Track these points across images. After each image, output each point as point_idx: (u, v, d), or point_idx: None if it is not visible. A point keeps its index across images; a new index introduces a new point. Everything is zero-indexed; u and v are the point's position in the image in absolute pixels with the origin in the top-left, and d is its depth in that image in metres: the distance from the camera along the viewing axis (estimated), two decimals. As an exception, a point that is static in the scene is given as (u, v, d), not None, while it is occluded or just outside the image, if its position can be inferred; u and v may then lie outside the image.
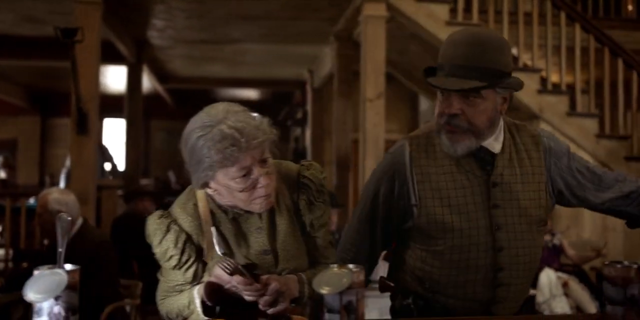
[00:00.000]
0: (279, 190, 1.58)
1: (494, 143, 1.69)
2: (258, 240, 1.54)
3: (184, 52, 7.78)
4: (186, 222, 1.54)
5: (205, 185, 1.48)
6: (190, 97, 10.83)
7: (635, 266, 1.29)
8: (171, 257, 1.53)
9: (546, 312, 4.64)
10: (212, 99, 11.11)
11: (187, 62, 8.49)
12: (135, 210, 5.41)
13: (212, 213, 1.54)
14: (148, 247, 4.75)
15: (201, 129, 1.42)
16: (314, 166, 1.64)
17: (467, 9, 5.32)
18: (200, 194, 1.55)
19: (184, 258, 1.52)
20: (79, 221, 3.43)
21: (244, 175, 1.43)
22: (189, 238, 1.53)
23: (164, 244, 1.53)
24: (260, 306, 1.45)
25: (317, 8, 5.76)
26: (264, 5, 5.74)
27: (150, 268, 5.48)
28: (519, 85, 1.67)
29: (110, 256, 3.49)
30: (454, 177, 1.69)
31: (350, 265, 1.23)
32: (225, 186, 1.46)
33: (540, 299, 4.70)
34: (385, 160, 1.79)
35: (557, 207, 1.83)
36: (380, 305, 3.58)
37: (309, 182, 1.60)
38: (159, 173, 11.40)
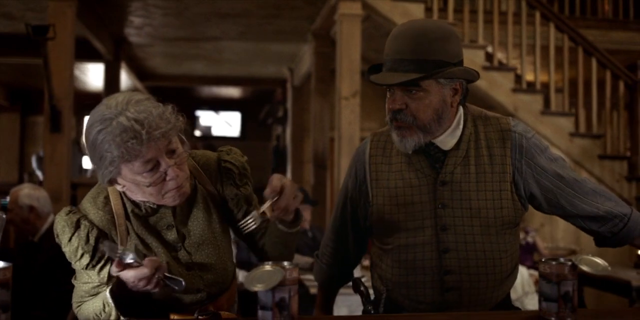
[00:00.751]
0: (200, 181, 1.53)
1: (448, 139, 1.62)
2: (169, 238, 1.48)
3: (163, 49, 7.74)
4: (97, 217, 1.45)
5: (113, 182, 1.39)
6: (171, 95, 10.77)
7: (569, 263, 1.31)
8: (82, 255, 1.42)
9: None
10: (193, 97, 11.14)
11: (166, 60, 8.45)
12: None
13: (124, 206, 1.46)
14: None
15: (100, 123, 1.32)
16: (234, 150, 1.59)
17: (443, 8, 5.35)
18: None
19: (97, 255, 1.42)
20: (50, 218, 3.42)
21: (151, 169, 1.35)
22: (101, 234, 1.44)
23: (73, 241, 1.42)
24: (279, 214, 1.39)
25: (294, 6, 5.76)
26: (242, 3, 5.73)
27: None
28: (469, 74, 1.60)
29: (80, 253, 3.49)
30: (403, 176, 1.65)
31: (285, 263, 1.24)
32: (132, 182, 1.37)
33: (512, 296, 4.73)
34: (352, 157, 1.81)
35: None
36: (350, 302, 3.60)
37: (231, 166, 1.55)
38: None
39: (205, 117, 11.82)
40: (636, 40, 6.90)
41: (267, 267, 1.20)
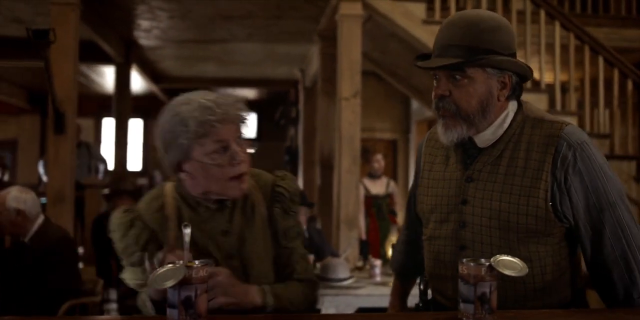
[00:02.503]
0: (255, 198, 1.56)
1: (487, 136, 1.56)
2: (224, 244, 1.50)
3: (173, 52, 7.83)
4: (151, 219, 1.50)
5: (179, 167, 1.46)
6: (188, 96, 10.86)
7: (486, 264, 1.29)
8: (132, 253, 1.48)
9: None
10: (209, 99, 11.22)
11: (178, 62, 8.54)
12: (115, 209, 5.47)
13: (179, 211, 1.50)
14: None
15: (177, 107, 1.43)
16: (288, 176, 1.63)
17: (445, 7, 5.30)
18: (168, 190, 1.53)
19: (147, 255, 1.45)
20: (40, 219, 3.48)
21: (221, 150, 1.42)
22: (152, 236, 1.48)
23: (125, 240, 1.48)
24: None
25: (295, 7, 5.78)
26: (244, 4, 5.76)
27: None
28: (518, 67, 1.52)
29: (70, 252, 3.55)
30: (440, 168, 1.66)
31: (197, 261, 1.25)
32: (200, 164, 1.43)
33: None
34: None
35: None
36: (337, 303, 3.60)
37: (284, 191, 1.58)
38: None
39: (222, 119, 11.88)
40: (650, 38, 6.74)
41: (171, 265, 1.21)
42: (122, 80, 7.38)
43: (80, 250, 6.08)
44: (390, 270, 4.12)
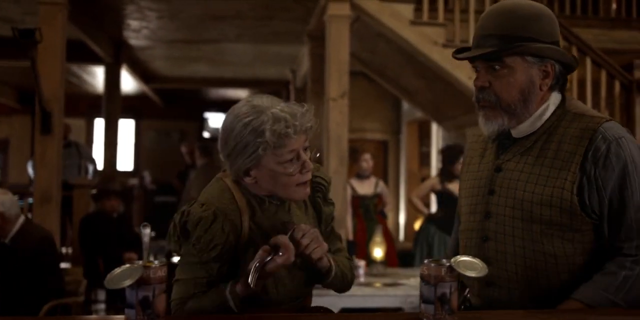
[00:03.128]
0: None
1: (525, 127, 1.54)
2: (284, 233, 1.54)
3: (164, 52, 7.81)
4: (228, 210, 1.49)
5: (246, 173, 1.48)
6: (179, 97, 10.87)
7: (447, 265, 1.29)
8: (214, 247, 1.44)
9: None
10: (202, 99, 11.17)
11: (169, 62, 8.52)
12: (103, 209, 5.47)
13: (249, 204, 1.52)
14: (114, 246, 4.92)
15: (249, 115, 1.44)
16: (322, 168, 1.70)
17: (433, 8, 5.30)
18: (231, 184, 1.53)
19: (226, 247, 1.46)
20: (20, 220, 3.48)
21: (291, 159, 1.46)
22: (233, 228, 1.47)
23: (210, 233, 1.44)
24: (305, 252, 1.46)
25: (285, 7, 5.78)
26: (233, 5, 5.76)
27: (116, 266, 5.48)
28: (561, 55, 1.50)
29: (52, 252, 3.54)
30: (477, 161, 1.66)
31: (156, 261, 1.25)
32: (270, 171, 1.46)
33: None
34: None
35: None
36: (321, 304, 3.59)
37: (322, 180, 1.65)
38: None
39: (215, 119, 11.88)
40: None
41: (128, 265, 1.21)
42: (112, 80, 7.37)
43: (69, 250, 6.08)
44: (374, 271, 4.13)
